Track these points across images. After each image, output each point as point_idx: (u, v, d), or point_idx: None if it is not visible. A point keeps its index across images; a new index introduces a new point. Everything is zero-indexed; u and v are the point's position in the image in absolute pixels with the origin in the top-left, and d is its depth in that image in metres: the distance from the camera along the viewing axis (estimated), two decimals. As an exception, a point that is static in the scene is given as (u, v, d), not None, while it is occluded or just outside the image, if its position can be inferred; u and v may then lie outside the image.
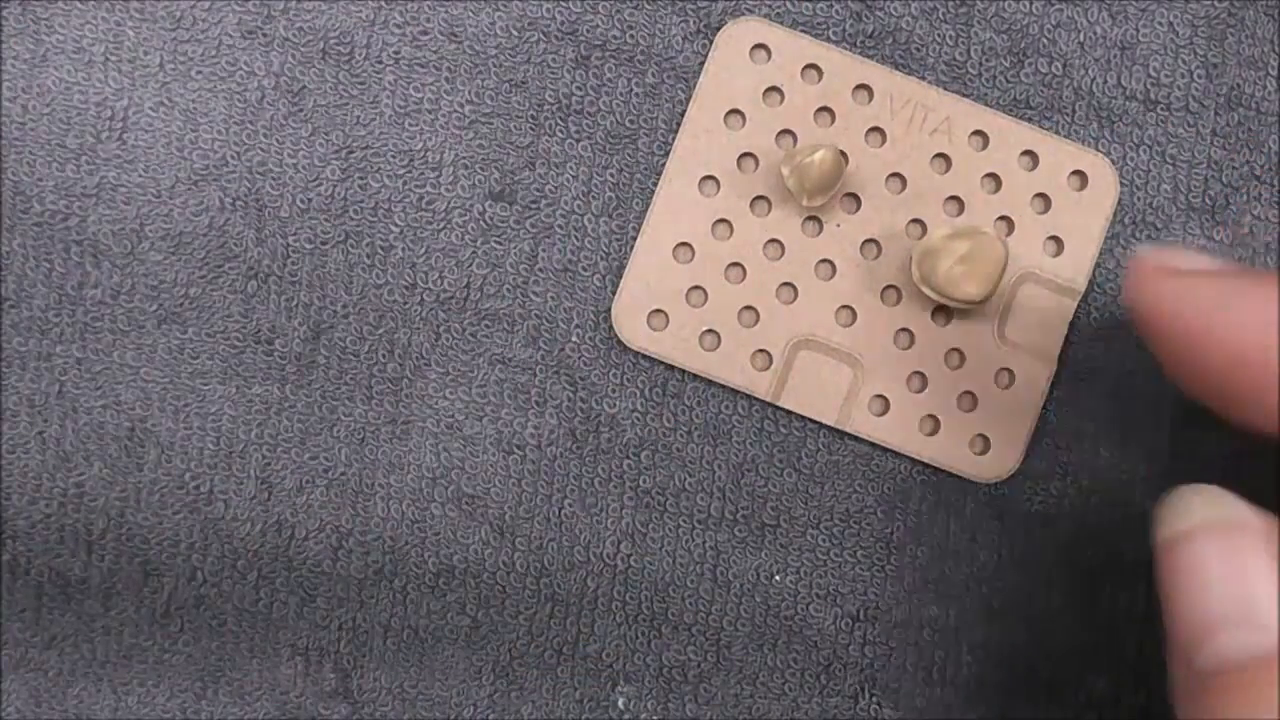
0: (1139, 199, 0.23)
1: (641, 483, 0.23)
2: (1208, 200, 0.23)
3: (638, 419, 0.23)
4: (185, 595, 0.23)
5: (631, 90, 0.23)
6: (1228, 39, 0.23)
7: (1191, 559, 0.14)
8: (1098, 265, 0.23)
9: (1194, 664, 0.14)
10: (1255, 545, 0.14)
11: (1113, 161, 0.23)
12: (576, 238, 0.23)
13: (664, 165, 0.23)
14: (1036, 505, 0.23)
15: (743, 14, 0.23)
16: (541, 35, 0.23)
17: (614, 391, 0.23)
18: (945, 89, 0.23)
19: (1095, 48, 0.23)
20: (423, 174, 0.23)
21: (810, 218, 0.23)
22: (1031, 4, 0.23)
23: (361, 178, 0.23)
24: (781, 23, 0.23)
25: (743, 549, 0.24)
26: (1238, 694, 0.13)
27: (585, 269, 0.23)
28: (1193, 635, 0.14)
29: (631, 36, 0.23)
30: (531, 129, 0.23)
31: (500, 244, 0.23)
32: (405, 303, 0.23)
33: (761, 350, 0.23)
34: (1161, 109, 0.23)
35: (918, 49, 0.23)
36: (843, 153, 0.22)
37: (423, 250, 0.23)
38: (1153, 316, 0.17)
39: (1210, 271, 0.17)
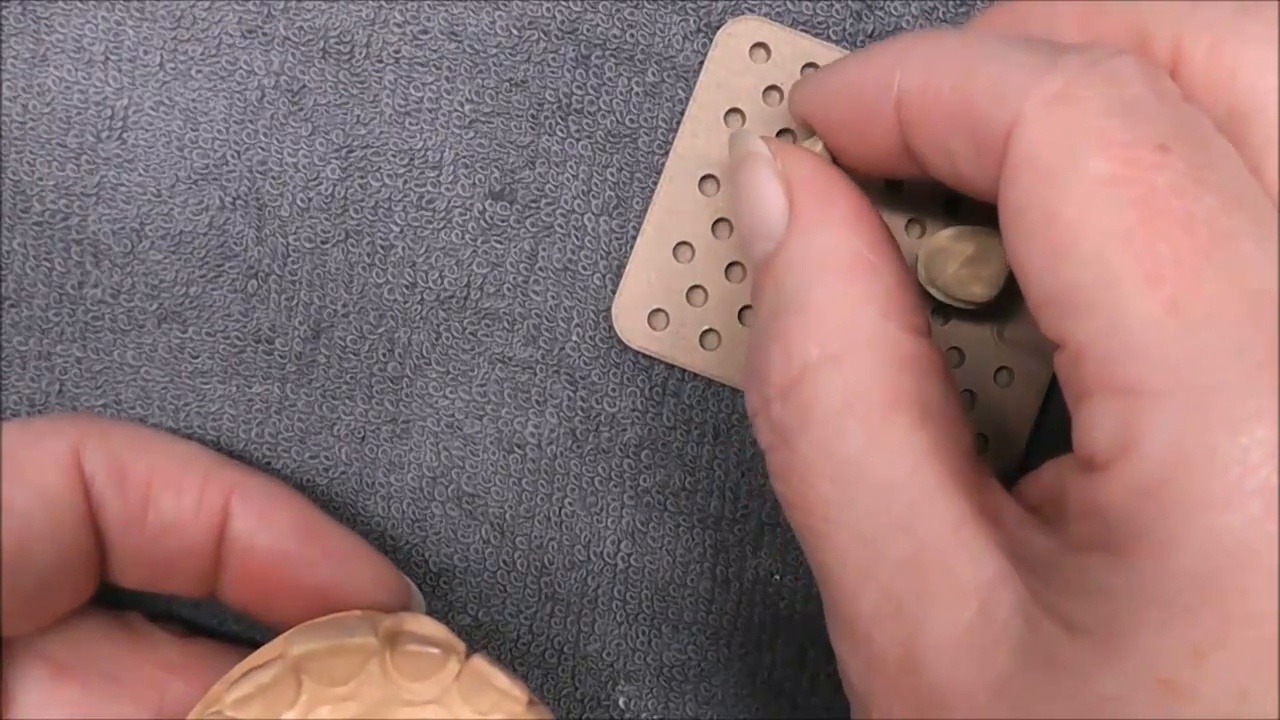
0: (1139, 198, 0.23)
1: (641, 482, 0.23)
2: (1208, 200, 0.23)
3: (638, 418, 0.23)
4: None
5: (631, 89, 0.23)
6: (1228, 38, 0.23)
7: (739, 184, 0.19)
8: (1098, 265, 0.23)
9: (749, 261, 0.19)
10: (767, 171, 0.18)
11: (1113, 161, 0.23)
12: (576, 237, 0.23)
13: (664, 165, 0.23)
14: (1037, 505, 0.23)
15: (743, 13, 0.23)
16: (541, 34, 0.23)
17: (614, 391, 0.23)
18: (945, 88, 0.23)
19: (1095, 47, 0.23)
20: (423, 173, 0.23)
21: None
22: (1031, 3, 0.23)
23: (361, 177, 0.23)
24: (781, 22, 0.23)
25: (742, 549, 0.24)
26: (760, 282, 0.18)
27: (585, 268, 0.23)
28: (745, 241, 0.19)
29: (631, 36, 0.23)
30: (531, 128, 0.23)
31: (500, 243, 0.23)
32: (405, 302, 0.23)
33: (761, 350, 0.23)
34: (1162, 108, 0.23)
35: (918, 48, 0.23)
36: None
37: (423, 249, 0.23)
38: (807, 114, 0.20)
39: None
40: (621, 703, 0.24)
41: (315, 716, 0.18)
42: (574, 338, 0.23)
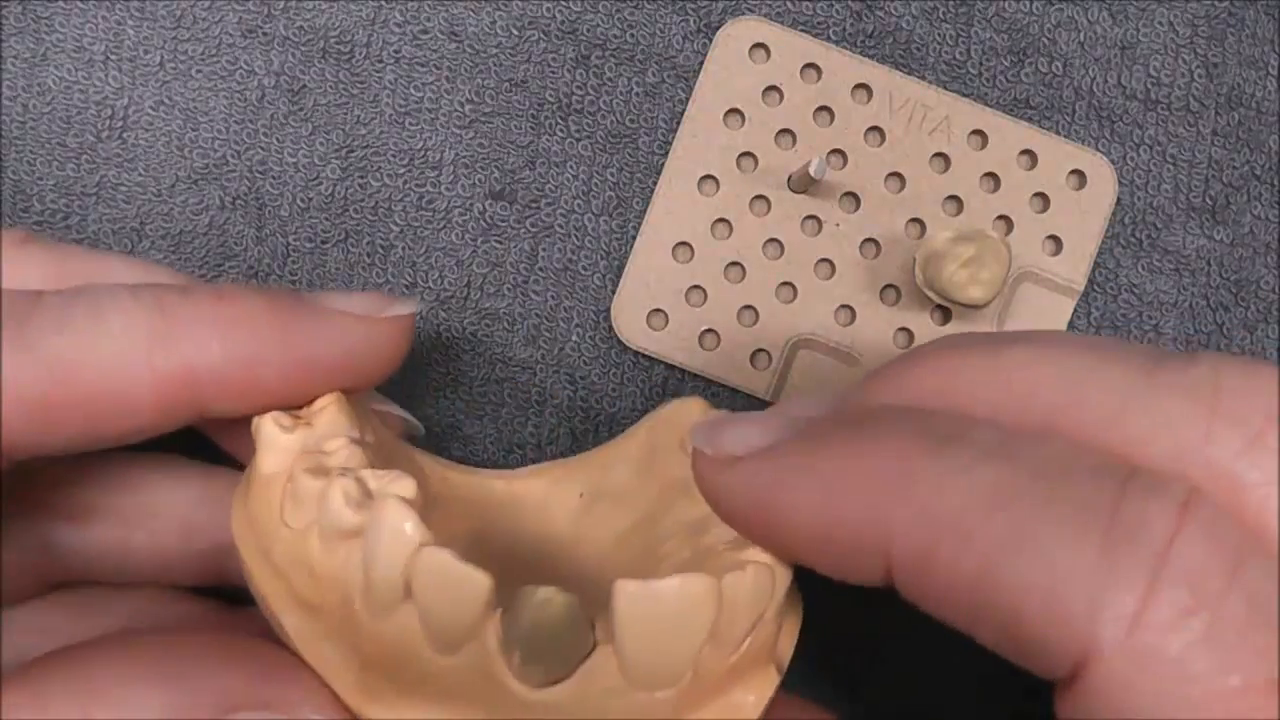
0: (1139, 199, 0.23)
1: (641, 482, 0.23)
2: (1208, 200, 0.23)
3: (637, 418, 0.23)
4: (185, 594, 0.23)
5: (631, 90, 0.23)
6: (1228, 39, 0.23)
7: None
8: (1096, 264, 0.23)
9: None
10: None
11: (1113, 161, 0.23)
12: (576, 237, 0.23)
13: (664, 165, 0.23)
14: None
15: (743, 13, 0.23)
16: (541, 35, 0.23)
17: (614, 391, 0.23)
18: (945, 89, 0.23)
19: (1095, 47, 0.23)
20: (423, 173, 0.23)
21: (809, 217, 0.23)
22: (1031, 3, 0.23)
23: (361, 177, 0.23)
24: (781, 22, 0.23)
25: (742, 548, 0.23)
26: None
27: (585, 269, 0.23)
28: None
29: (631, 36, 0.23)
30: (531, 128, 0.23)
31: (500, 243, 0.23)
32: (405, 302, 0.23)
33: (761, 350, 0.23)
34: (1161, 109, 0.23)
35: (918, 48, 0.23)
36: (841, 151, 0.22)
37: (423, 249, 0.23)
38: (725, 512, 0.16)
39: (762, 450, 0.16)
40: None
41: None
42: (574, 338, 0.23)
